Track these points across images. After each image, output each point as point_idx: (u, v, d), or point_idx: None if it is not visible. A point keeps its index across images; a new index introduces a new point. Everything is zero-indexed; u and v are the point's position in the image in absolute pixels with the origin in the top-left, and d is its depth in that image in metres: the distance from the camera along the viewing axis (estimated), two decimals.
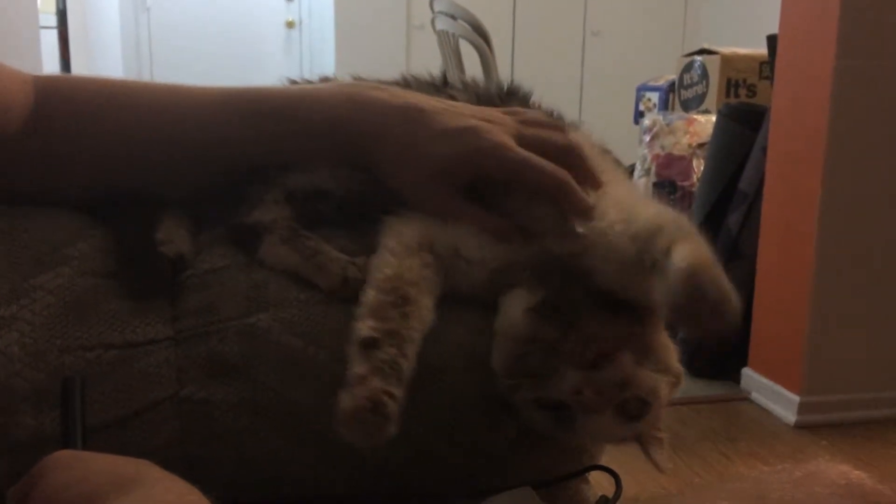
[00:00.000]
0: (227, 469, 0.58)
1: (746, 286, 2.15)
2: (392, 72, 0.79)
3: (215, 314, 0.60)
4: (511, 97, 0.75)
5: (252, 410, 0.57)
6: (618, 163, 0.76)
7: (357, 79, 0.77)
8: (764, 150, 2.20)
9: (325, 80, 0.76)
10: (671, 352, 0.62)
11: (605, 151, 0.75)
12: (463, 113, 0.65)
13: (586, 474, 0.67)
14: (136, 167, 0.66)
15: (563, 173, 0.63)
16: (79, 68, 4.81)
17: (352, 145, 0.65)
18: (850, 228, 1.98)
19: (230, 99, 0.67)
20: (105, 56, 5.48)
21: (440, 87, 0.75)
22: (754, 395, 2.17)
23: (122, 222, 0.64)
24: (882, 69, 1.92)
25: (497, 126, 0.65)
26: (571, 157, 0.66)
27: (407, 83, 0.75)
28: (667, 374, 0.60)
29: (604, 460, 0.68)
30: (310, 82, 0.76)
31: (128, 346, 0.58)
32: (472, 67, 2.94)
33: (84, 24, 5.26)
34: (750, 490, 0.51)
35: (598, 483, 0.67)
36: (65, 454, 0.48)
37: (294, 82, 0.76)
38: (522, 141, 0.64)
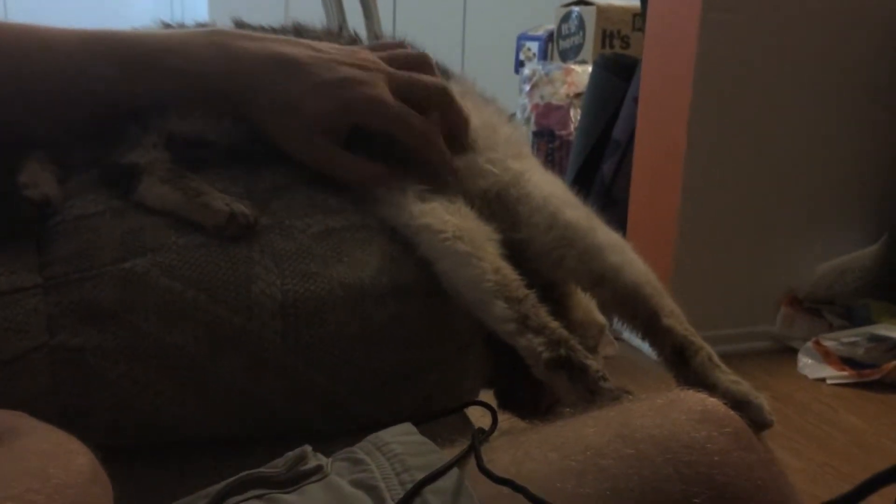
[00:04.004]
0: (105, 415, 0.57)
1: (619, 231, 2.23)
2: (269, 17, 0.77)
3: (88, 260, 0.58)
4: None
5: (130, 356, 0.56)
6: (500, 112, 0.78)
7: (239, 24, 0.75)
8: (635, 100, 2.28)
9: (202, 27, 0.74)
10: None
11: (488, 101, 0.77)
12: (336, 60, 0.65)
13: (464, 410, 0.70)
14: None
15: (431, 131, 0.66)
16: None
17: (222, 98, 0.64)
18: (713, 175, 2.08)
19: (91, 39, 0.64)
20: None
21: (336, 35, 0.75)
22: (626, 335, 2.27)
23: None
24: (745, 22, 2.01)
25: (370, 73, 0.65)
26: (441, 98, 0.68)
27: (299, 32, 0.74)
28: None
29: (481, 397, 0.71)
30: (184, 27, 0.73)
31: None
32: (354, 17, 2.88)
33: None
34: (616, 417, 0.53)
35: (476, 419, 0.70)
36: None
37: (168, 26, 0.73)
38: (394, 84, 0.65)
